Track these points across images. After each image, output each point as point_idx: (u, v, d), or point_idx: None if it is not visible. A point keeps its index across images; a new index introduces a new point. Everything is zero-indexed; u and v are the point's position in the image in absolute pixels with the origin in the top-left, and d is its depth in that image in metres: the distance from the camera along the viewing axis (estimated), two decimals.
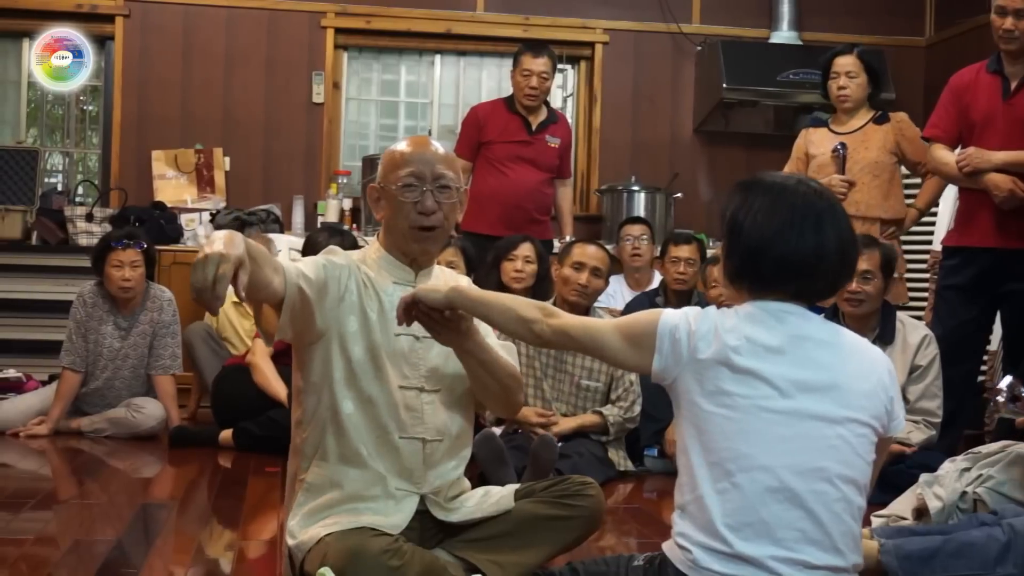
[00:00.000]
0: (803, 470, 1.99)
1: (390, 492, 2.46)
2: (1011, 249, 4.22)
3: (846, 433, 2.03)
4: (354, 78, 7.09)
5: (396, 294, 2.43)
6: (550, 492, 2.59)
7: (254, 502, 3.77)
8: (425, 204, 2.44)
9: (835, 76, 4.82)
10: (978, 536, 2.57)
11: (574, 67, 7.15)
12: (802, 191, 2.09)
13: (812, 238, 2.05)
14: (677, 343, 2.08)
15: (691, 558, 2.02)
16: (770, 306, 2.09)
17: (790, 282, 2.08)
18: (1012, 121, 4.21)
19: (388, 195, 2.48)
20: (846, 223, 2.11)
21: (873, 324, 4.14)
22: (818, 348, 2.07)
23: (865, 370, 2.10)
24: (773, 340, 2.05)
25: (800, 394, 2.02)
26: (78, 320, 5.05)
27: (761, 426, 2.00)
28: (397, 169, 2.46)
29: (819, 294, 2.15)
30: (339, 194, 6.51)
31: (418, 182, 2.45)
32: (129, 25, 6.64)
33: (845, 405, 2.04)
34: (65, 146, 7.12)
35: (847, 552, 2.03)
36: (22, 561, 2.93)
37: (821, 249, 2.06)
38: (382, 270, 2.51)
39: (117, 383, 5.08)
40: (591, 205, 7.00)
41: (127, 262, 4.98)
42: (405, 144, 2.52)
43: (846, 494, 2.02)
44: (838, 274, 2.12)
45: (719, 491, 2.01)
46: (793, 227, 2.05)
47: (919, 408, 4.10)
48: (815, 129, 4.95)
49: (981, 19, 4.76)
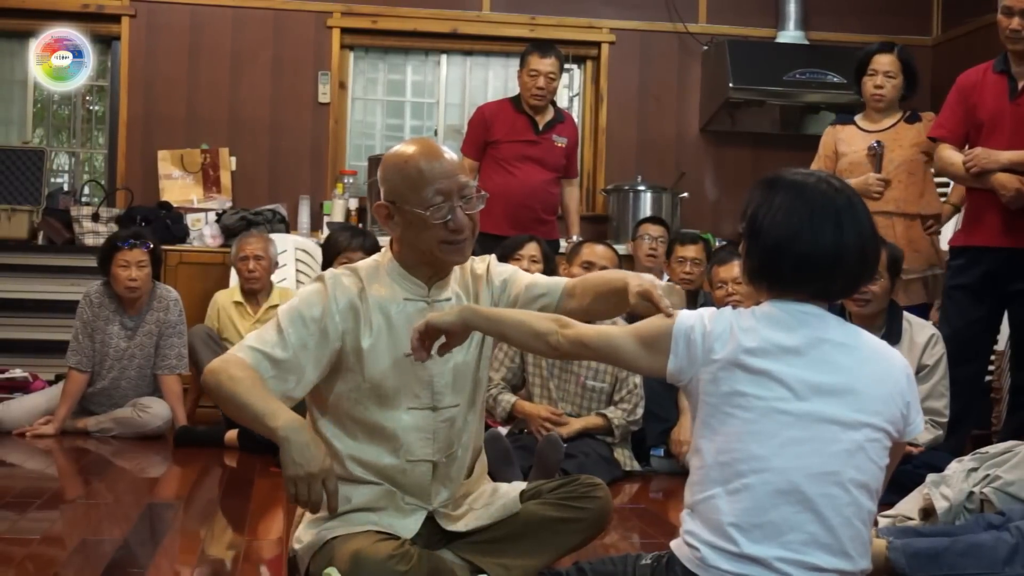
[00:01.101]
0: (815, 473, 1.98)
1: (399, 506, 2.46)
2: (1019, 249, 4.21)
3: (860, 438, 2.02)
4: (360, 78, 7.09)
5: (407, 310, 2.41)
6: (557, 494, 2.58)
7: (260, 502, 3.77)
8: (459, 221, 2.37)
9: (872, 74, 4.76)
10: (987, 539, 2.57)
11: (580, 67, 7.15)
12: (822, 188, 2.08)
13: (832, 236, 2.03)
14: (692, 344, 2.07)
15: (699, 556, 2.02)
16: (789, 307, 2.08)
17: (810, 281, 2.07)
18: (1019, 121, 4.21)
19: (410, 215, 2.37)
20: (867, 221, 2.09)
21: (880, 323, 4.12)
22: (836, 350, 2.06)
23: (883, 374, 2.08)
24: (791, 341, 2.04)
25: (815, 397, 2.01)
26: (84, 320, 5.06)
27: (774, 428, 1.99)
28: (419, 190, 2.35)
29: (839, 293, 2.14)
30: (345, 194, 6.51)
31: (445, 200, 2.36)
32: (135, 25, 6.65)
33: (860, 409, 2.03)
34: (71, 146, 7.13)
35: (856, 557, 2.02)
36: (28, 561, 2.94)
37: (841, 247, 2.04)
38: (395, 284, 2.45)
39: (123, 383, 5.08)
40: (597, 205, 7.00)
41: (133, 262, 4.99)
42: (418, 157, 2.38)
43: (857, 499, 2.01)
44: (858, 273, 2.10)
45: (730, 492, 2.00)
46: (813, 225, 2.04)
47: (926, 408, 4.08)
48: (843, 126, 4.91)
49: (988, 19, 4.75)
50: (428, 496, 2.49)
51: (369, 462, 2.44)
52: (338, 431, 2.45)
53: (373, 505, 2.44)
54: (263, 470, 4.26)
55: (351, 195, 6.52)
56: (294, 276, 6.10)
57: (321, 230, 6.40)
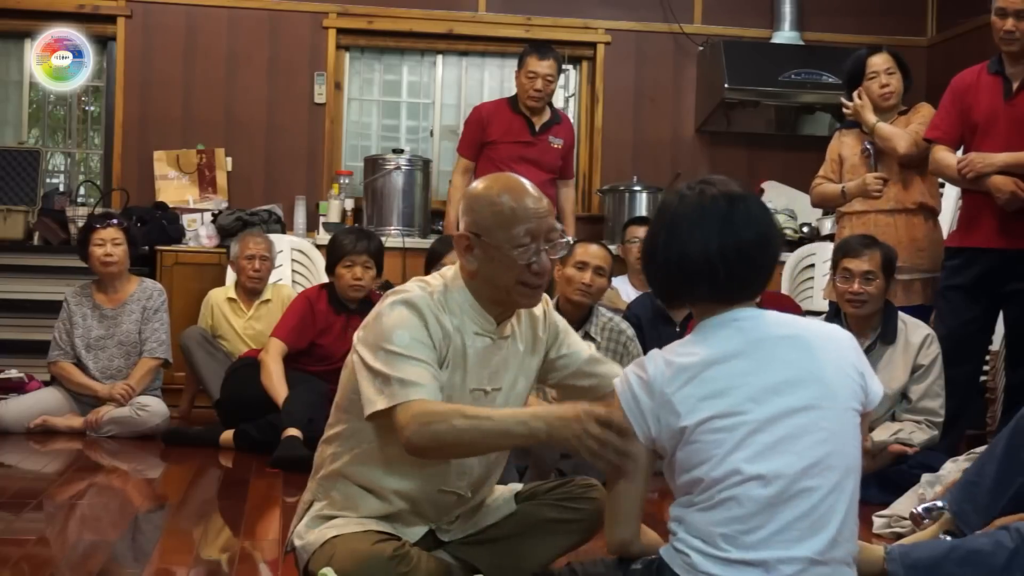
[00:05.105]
0: (795, 471, 1.98)
1: (404, 521, 2.44)
2: (1014, 250, 4.22)
3: (828, 422, 2.02)
4: (356, 78, 7.09)
5: (476, 344, 2.37)
6: (554, 494, 2.58)
7: (256, 502, 3.77)
8: (543, 264, 2.35)
9: (874, 76, 4.70)
10: (985, 543, 2.55)
11: (576, 67, 7.15)
12: (675, 203, 2.13)
13: (696, 241, 2.07)
14: (637, 400, 2.07)
15: (689, 562, 2.02)
16: (715, 320, 2.09)
17: (706, 287, 2.08)
18: (1014, 122, 4.21)
19: (493, 252, 2.32)
20: (726, 214, 2.08)
21: (875, 324, 4.13)
22: (778, 345, 2.06)
23: (831, 354, 2.09)
24: (731, 347, 2.04)
25: (775, 397, 2.01)
26: (63, 319, 5.17)
27: (744, 439, 1.99)
28: (509, 227, 2.31)
29: (749, 286, 2.12)
30: (341, 194, 6.50)
31: (532, 241, 2.33)
32: (131, 25, 6.64)
33: (821, 395, 2.03)
34: (67, 146, 7.13)
35: (845, 541, 2.03)
36: (24, 561, 2.94)
37: (705, 250, 2.06)
38: (465, 316, 2.37)
39: (112, 373, 5.13)
40: (593, 205, 7.00)
41: (108, 239, 5.11)
42: (511, 195, 2.35)
43: (840, 482, 2.02)
44: (750, 261, 2.10)
45: (713, 505, 2.00)
46: (672, 237, 2.10)
47: (921, 408, 4.10)
48: (848, 131, 4.90)
49: (983, 19, 4.76)
50: (440, 520, 2.49)
51: (401, 485, 2.39)
52: (383, 446, 2.37)
53: (377, 516, 2.41)
54: (259, 471, 4.26)
55: (347, 195, 6.52)
56: (290, 277, 6.10)
57: (317, 231, 6.40)
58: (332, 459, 2.44)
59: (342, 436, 2.43)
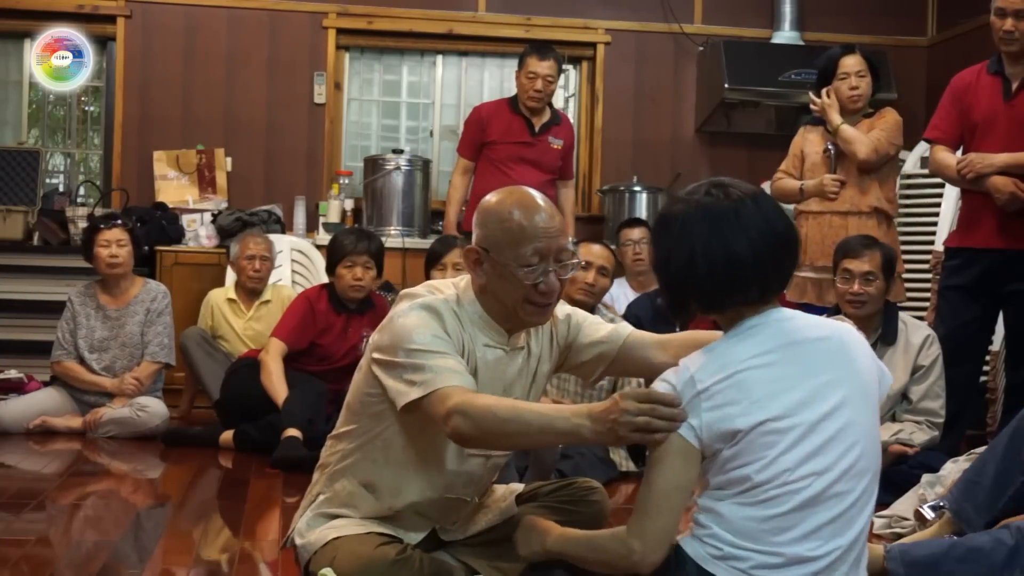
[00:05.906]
0: (834, 476, 1.99)
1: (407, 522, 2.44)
2: (1014, 250, 4.22)
3: (860, 419, 2.03)
4: (356, 78, 7.08)
5: (486, 356, 2.34)
6: (555, 496, 2.58)
7: (256, 503, 3.77)
8: (550, 284, 2.30)
9: (844, 77, 4.74)
10: (985, 541, 2.56)
11: (576, 67, 7.15)
12: (705, 206, 2.06)
13: (741, 241, 2.03)
14: (682, 397, 2.00)
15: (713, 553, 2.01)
16: (755, 321, 2.07)
17: (756, 287, 2.05)
18: (1013, 122, 4.21)
19: (501, 268, 2.29)
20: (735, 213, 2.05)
21: (875, 325, 4.13)
22: (818, 346, 2.05)
23: (861, 349, 2.11)
24: (778, 348, 2.03)
25: (819, 399, 2.00)
26: (67, 319, 5.15)
27: (795, 443, 1.98)
28: (518, 246, 2.27)
29: (769, 288, 2.08)
30: (341, 194, 6.50)
31: (541, 260, 2.28)
32: (130, 26, 6.64)
33: (855, 394, 2.04)
34: (66, 147, 7.12)
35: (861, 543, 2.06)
36: (24, 562, 2.94)
37: (752, 248, 2.03)
38: (476, 328, 2.35)
39: (115, 373, 5.11)
40: (593, 205, 7.00)
41: (113, 240, 5.10)
42: (522, 212, 2.30)
43: (868, 487, 2.04)
44: (790, 252, 2.09)
45: (755, 503, 1.99)
46: (716, 238, 2.03)
47: (921, 408, 4.10)
48: (813, 127, 4.94)
49: (983, 19, 4.75)
50: (443, 523, 2.49)
51: (408, 489, 2.39)
52: (390, 451, 2.37)
53: (378, 516, 2.41)
54: (259, 471, 4.26)
55: (347, 196, 6.52)
56: (290, 277, 6.10)
57: (317, 231, 6.40)
58: (341, 457, 2.44)
59: (352, 435, 2.42)
